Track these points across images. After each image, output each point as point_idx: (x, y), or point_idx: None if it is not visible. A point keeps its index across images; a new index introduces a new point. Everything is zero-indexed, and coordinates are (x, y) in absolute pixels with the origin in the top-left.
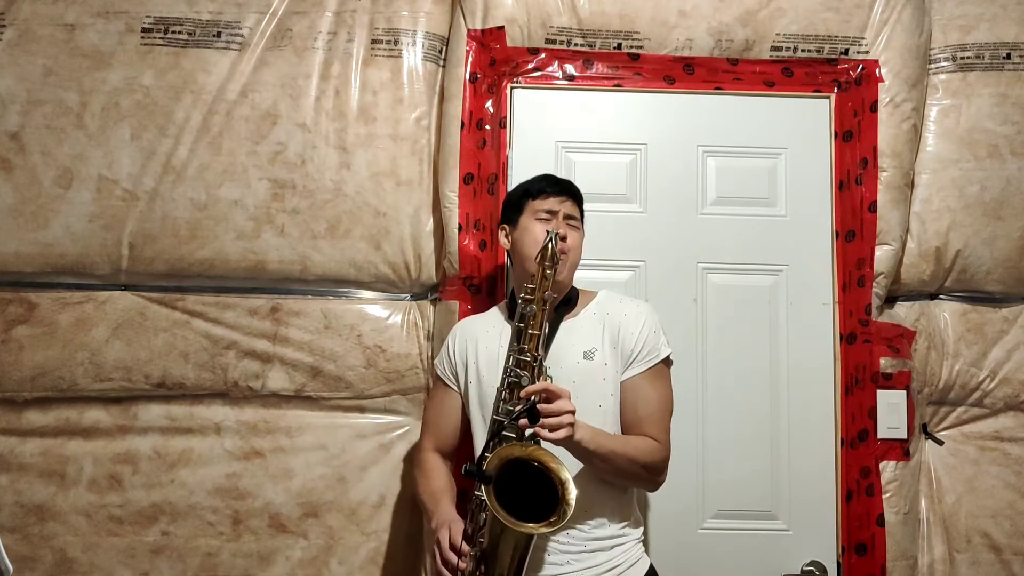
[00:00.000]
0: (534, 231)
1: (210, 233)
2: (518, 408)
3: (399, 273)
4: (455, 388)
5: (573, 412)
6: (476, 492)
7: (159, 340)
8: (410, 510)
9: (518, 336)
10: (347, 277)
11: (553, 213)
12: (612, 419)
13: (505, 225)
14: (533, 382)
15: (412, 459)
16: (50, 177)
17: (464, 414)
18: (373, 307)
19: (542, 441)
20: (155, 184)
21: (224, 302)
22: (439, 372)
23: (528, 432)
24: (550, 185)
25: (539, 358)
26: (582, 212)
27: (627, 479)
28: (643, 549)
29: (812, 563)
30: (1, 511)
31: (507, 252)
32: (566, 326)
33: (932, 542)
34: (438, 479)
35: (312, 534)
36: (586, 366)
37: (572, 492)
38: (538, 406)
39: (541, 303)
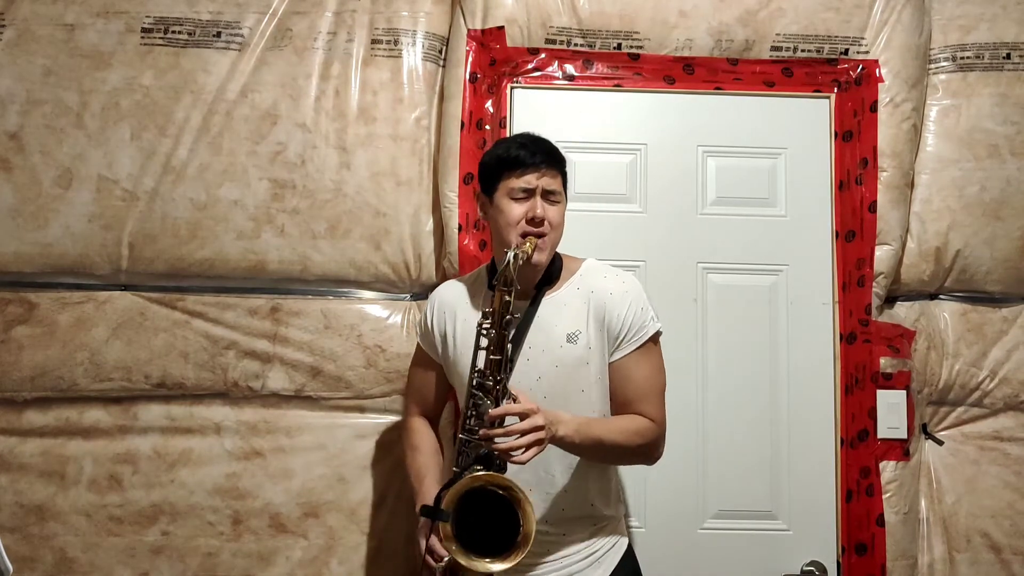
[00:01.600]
0: (509, 213)
1: (210, 233)
2: (472, 458)
3: (399, 273)
4: (435, 357)
5: (542, 427)
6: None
7: (159, 340)
8: (410, 510)
9: (477, 356)
10: (347, 277)
11: (530, 192)
12: (599, 404)
13: (481, 194)
14: (497, 404)
15: (399, 427)
16: (50, 177)
17: (447, 379)
18: (373, 307)
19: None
20: (155, 184)
21: (224, 302)
22: (419, 339)
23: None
24: (528, 156)
25: (502, 381)
26: (564, 178)
27: (619, 461)
28: (623, 530)
29: (812, 563)
30: (1, 511)
31: (484, 220)
32: (548, 301)
33: (932, 542)
34: (423, 454)
35: (312, 534)
36: (569, 350)
37: (532, 523)
38: (503, 428)
39: (501, 327)
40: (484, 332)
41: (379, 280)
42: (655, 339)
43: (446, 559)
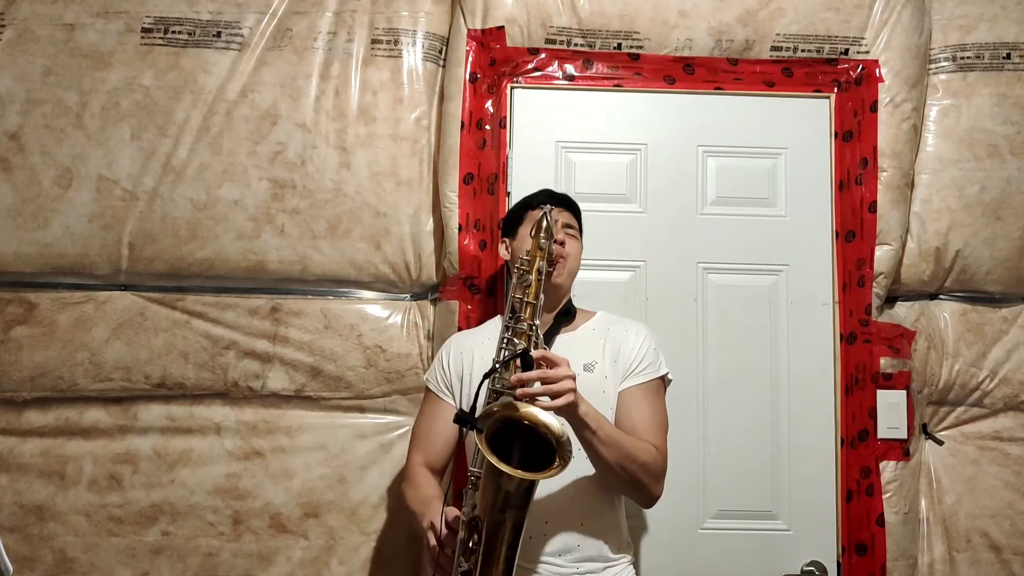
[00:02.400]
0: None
1: (210, 233)
2: (515, 350)
3: (399, 273)
4: (448, 400)
5: (573, 378)
6: (471, 469)
7: (159, 340)
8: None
9: (513, 308)
10: (347, 277)
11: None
12: None
13: (506, 239)
14: (531, 349)
15: (402, 475)
16: (50, 177)
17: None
18: (373, 307)
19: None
20: (155, 184)
21: (224, 302)
22: (431, 386)
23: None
24: (549, 197)
25: (535, 327)
26: (580, 225)
27: (626, 475)
28: (634, 572)
29: (812, 563)
30: (1, 511)
31: (507, 265)
32: (564, 338)
33: (932, 542)
34: (428, 488)
35: (312, 534)
36: (587, 378)
37: (572, 443)
38: (537, 372)
39: (537, 274)
40: (520, 276)
41: (379, 280)
42: (663, 382)
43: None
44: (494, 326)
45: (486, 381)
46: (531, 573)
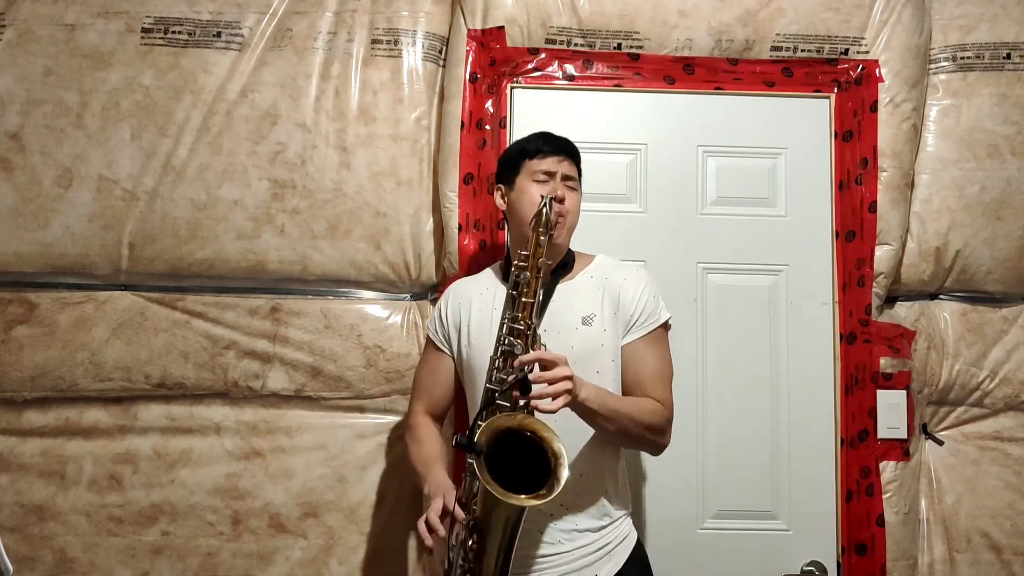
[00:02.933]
0: (531, 193)
1: (210, 233)
2: (510, 378)
3: (399, 273)
4: (447, 352)
5: (571, 377)
6: (469, 460)
7: (159, 340)
8: (409, 509)
9: (512, 304)
10: (347, 277)
11: (551, 174)
12: (612, 385)
13: (501, 185)
14: (527, 351)
15: (404, 424)
16: (50, 177)
17: (456, 377)
18: (373, 307)
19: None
20: (155, 184)
21: (224, 302)
22: (431, 335)
23: (523, 402)
24: (547, 144)
25: (533, 326)
26: (580, 171)
27: (630, 439)
28: (631, 525)
29: (812, 563)
30: (1, 511)
31: (503, 213)
32: (563, 289)
33: (932, 542)
34: (430, 444)
35: (312, 534)
36: (585, 332)
37: (564, 467)
38: (534, 374)
39: (535, 270)
40: (518, 273)
41: (379, 280)
42: (665, 328)
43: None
44: (490, 277)
45: (486, 409)
46: (533, 529)
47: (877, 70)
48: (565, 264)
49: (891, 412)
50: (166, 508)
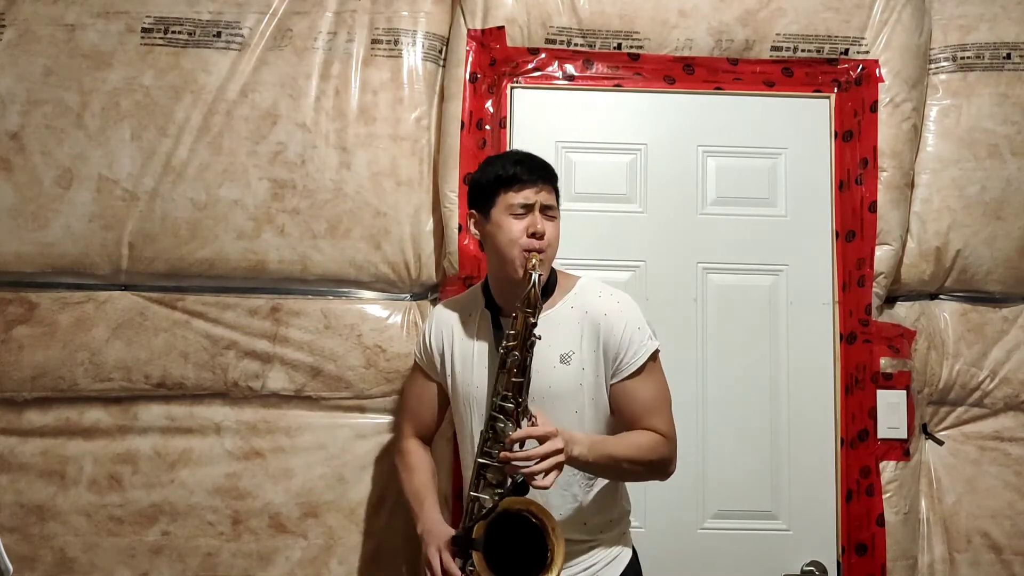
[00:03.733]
0: (509, 229)
1: (210, 233)
2: (504, 490)
3: (399, 273)
4: (433, 378)
5: (561, 450)
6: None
7: (159, 340)
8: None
9: (500, 380)
10: (347, 277)
11: (529, 207)
12: (590, 425)
13: (474, 211)
14: (517, 427)
15: (393, 446)
16: (50, 177)
17: (445, 397)
18: (373, 307)
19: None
20: (155, 184)
21: (224, 302)
22: (417, 359)
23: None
24: (525, 172)
25: (522, 403)
26: (558, 194)
27: (634, 477)
28: (627, 540)
29: (812, 563)
30: (1, 511)
31: (479, 239)
32: (542, 319)
33: (932, 542)
34: (422, 474)
35: (312, 534)
36: (562, 371)
37: (560, 556)
38: (524, 451)
39: (524, 349)
40: (506, 353)
41: (379, 280)
42: (654, 357)
43: None
44: (473, 302)
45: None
46: None
47: (877, 70)
48: (545, 289)
49: (891, 412)
50: (166, 508)
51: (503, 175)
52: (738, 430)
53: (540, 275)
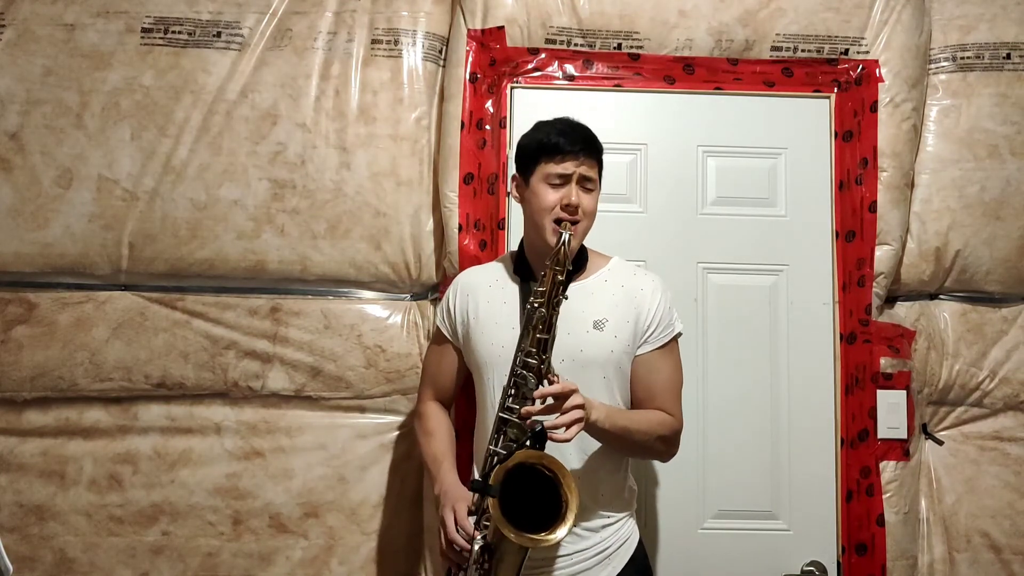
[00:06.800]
0: (544, 198)
1: (210, 233)
2: (524, 438)
3: (399, 273)
4: (454, 342)
5: (582, 406)
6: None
7: (159, 340)
8: (410, 509)
9: (526, 337)
10: (347, 277)
11: (566, 178)
12: (619, 391)
13: (518, 175)
14: (539, 384)
15: (414, 412)
16: (50, 177)
17: (464, 364)
18: (373, 307)
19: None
20: (155, 184)
21: (224, 302)
22: (439, 324)
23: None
24: (568, 142)
25: (546, 360)
26: (601, 165)
27: (640, 452)
28: (634, 526)
29: (812, 563)
30: (1, 511)
31: (519, 202)
32: (575, 288)
33: (932, 542)
34: (439, 438)
35: (312, 534)
36: (595, 336)
37: (573, 511)
38: (546, 405)
39: (551, 307)
40: (533, 310)
41: (379, 280)
42: (676, 340)
43: (478, 540)
44: (499, 269)
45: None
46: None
47: (877, 70)
48: (577, 260)
49: (891, 412)
50: (166, 508)
51: (546, 143)
52: (738, 430)
53: (571, 235)
